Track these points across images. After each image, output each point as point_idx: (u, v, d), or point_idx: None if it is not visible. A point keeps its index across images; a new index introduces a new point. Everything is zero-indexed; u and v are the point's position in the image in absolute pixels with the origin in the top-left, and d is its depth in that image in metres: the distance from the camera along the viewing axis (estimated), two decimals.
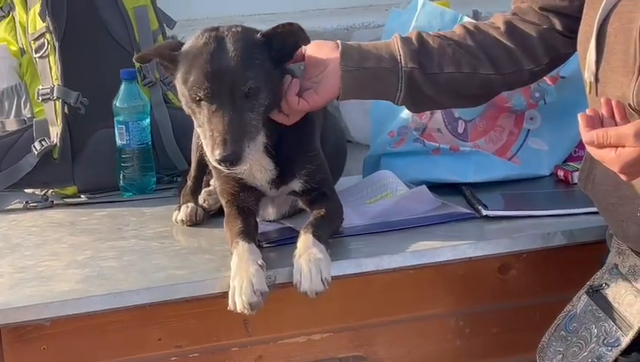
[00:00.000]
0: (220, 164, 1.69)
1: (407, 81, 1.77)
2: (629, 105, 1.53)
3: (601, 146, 1.46)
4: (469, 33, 1.81)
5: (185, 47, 1.76)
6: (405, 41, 1.79)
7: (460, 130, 2.14)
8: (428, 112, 2.11)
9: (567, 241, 1.85)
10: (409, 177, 2.07)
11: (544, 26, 1.81)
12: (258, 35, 1.75)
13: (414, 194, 1.97)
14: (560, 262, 1.88)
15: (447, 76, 1.78)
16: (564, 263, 1.87)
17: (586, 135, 1.47)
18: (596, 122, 1.49)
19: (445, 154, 2.12)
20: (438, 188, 2.05)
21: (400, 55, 1.77)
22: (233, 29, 1.74)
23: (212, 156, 1.69)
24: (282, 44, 1.76)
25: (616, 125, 1.48)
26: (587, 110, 1.51)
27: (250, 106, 1.71)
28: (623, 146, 1.44)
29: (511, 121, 2.15)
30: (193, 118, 1.76)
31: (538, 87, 2.10)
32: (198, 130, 1.76)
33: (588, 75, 1.59)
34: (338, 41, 1.80)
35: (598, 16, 1.56)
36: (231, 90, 1.69)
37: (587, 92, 1.61)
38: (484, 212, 1.93)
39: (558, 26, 1.80)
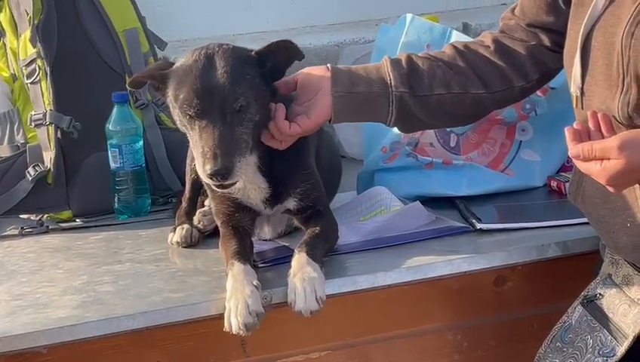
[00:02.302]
0: (210, 179, 1.69)
1: (398, 104, 1.79)
2: (614, 117, 1.54)
3: (587, 160, 1.48)
4: (458, 53, 1.82)
5: (175, 66, 1.77)
6: (395, 64, 1.79)
7: (452, 143, 2.14)
8: None
9: (561, 252, 1.86)
10: (403, 192, 2.08)
11: (532, 43, 1.82)
12: (251, 52, 1.76)
13: (408, 209, 1.98)
14: (555, 273, 1.88)
15: (438, 97, 1.80)
16: (559, 274, 1.88)
17: (573, 149, 1.49)
18: (583, 135, 1.51)
19: (438, 168, 2.12)
20: (432, 202, 2.06)
21: (390, 79, 1.78)
22: (224, 47, 1.76)
23: (203, 171, 1.69)
24: (274, 61, 1.77)
25: (602, 138, 1.50)
26: (574, 123, 1.53)
27: (241, 121, 1.72)
28: (608, 159, 1.46)
29: (503, 133, 2.16)
30: (187, 134, 1.76)
31: (529, 98, 2.11)
32: (191, 147, 1.77)
33: (574, 89, 1.61)
34: (328, 65, 1.80)
35: (581, 31, 1.58)
36: (221, 106, 1.70)
37: (574, 105, 1.62)
38: (478, 225, 1.94)
39: (546, 41, 1.82)
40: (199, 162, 1.70)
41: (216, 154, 1.67)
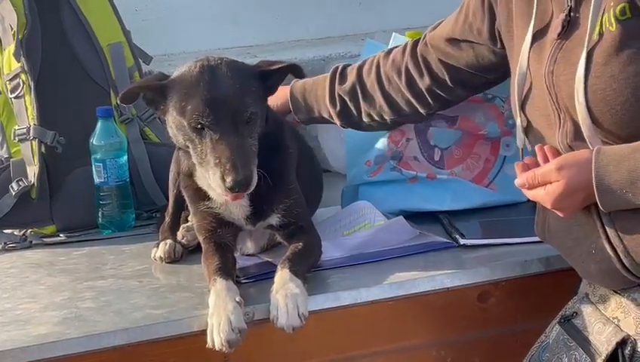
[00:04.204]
0: (232, 191, 1.67)
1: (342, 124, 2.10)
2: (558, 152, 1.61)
3: (532, 187, 1.57)
4: (378, 83, 2.00)
5: (175, 77, 1.75)
6: (332, 100, 2.04)
7: (437, 157, 2.14)
8: (404, 140, 2.13)
9: (544, 268, 1.86)
10: (387, 207, 2.08)
11: (433, 80, 1.94)
12: (254, 66, 1.77)
13: (392, 224, 1.97)
14: (538, 289, 1.88)
15: (366, 123, 2.05)
16: (543, 290, 1.88)
17: (518, 179, 1.58)
18: (532, 168, 1.59)
19: (422, 182, 2.12)
20: (416, 217, 2.06)
21: (330, 113, 2.06)
22: (225, 59, 1.75)
23: (222, 184, 1.67)
24: (274, 80, 1.79)
25: None
26: (524, 159, 1.63)
27: (250, 132, 1.71)
28: (550, 183, 1.54)
29: (487, 148, 2.16)
30: (191, 149, 1.73)
31: (511, 114, 2.11)
32: (197, 161, 1.73)
33: (519, 143, 1.70)
34: (288, 95, 2.04)
35: (516, 89, 1.66)
36: (233, 116, 1.69)
37: (521, 158, 1.69)
38: (462, 241, 1.94)
39: (447, 79, 1.93)
40: (216, 175, 1.67)
41: (236, 165, 1.66)
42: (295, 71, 1.82)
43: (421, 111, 1.99)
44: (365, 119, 2.03)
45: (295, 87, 2.06)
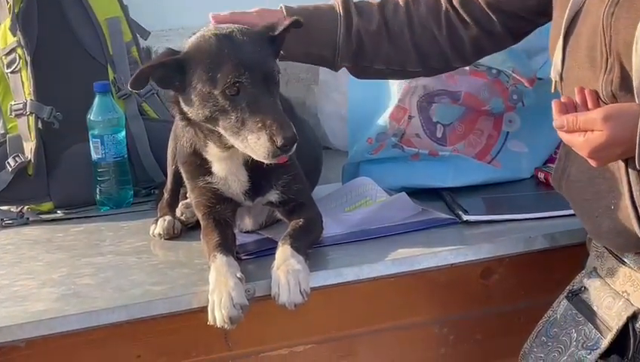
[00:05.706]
0: (283, 149, 1.62)
1: (341, 66, 1.88)
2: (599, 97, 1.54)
3: (570, 131, 1.49)
4: (408, 25, 1.84)
5: (191, 50, 1.69)
6: (346, 37, 1.83)
7: (439, 134, 2.12)
8: (406, 117, 2.11)
9: (548, 244, 1.84)
10: (389, 184, 2.06)
11: (479, 29, 1.81)
12: (266, 33, 1.74)
13: (394, 201, 1.96)
14: (542, 265, 1.86)
15: (377, 69, 1.87)
16: (547, 266, 1.86)
17: (557, 120, 1.50)
18: (570, 109, 1.51)
19: (424, 159, 2.11)
20: (419, 193, 2.04)
21: (338, 51, 1.84)
22: (235, 27, 1.72)
23: (271, 146, 1.61)
24: (281, 41, 1.76)
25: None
26: (562, 97, 1.54)
27: (277, 93, 1.70)
28: (592, 131, 1.47)
29: (490, 123, 2.14)
30: (222, 121, 1.66)
31: (516, 89, 2.10)
32: (231, 131, 1.66)
33: (554, 74, 1.61)
34: (283, 9, 1.83)
35: (565, 17, 1.58)
36: (265, 78, 1.66)
37: (552, 90, 1.62)
38: (465, 217, 1.92)
39: (496, 25, 1.81)
40: (260, 138, 1.62)
41: (283, 123, 1.62)
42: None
43: (453, 64, 1.86)
44: (379, 66, 1.85)
45: (290, 14, 1.83)
